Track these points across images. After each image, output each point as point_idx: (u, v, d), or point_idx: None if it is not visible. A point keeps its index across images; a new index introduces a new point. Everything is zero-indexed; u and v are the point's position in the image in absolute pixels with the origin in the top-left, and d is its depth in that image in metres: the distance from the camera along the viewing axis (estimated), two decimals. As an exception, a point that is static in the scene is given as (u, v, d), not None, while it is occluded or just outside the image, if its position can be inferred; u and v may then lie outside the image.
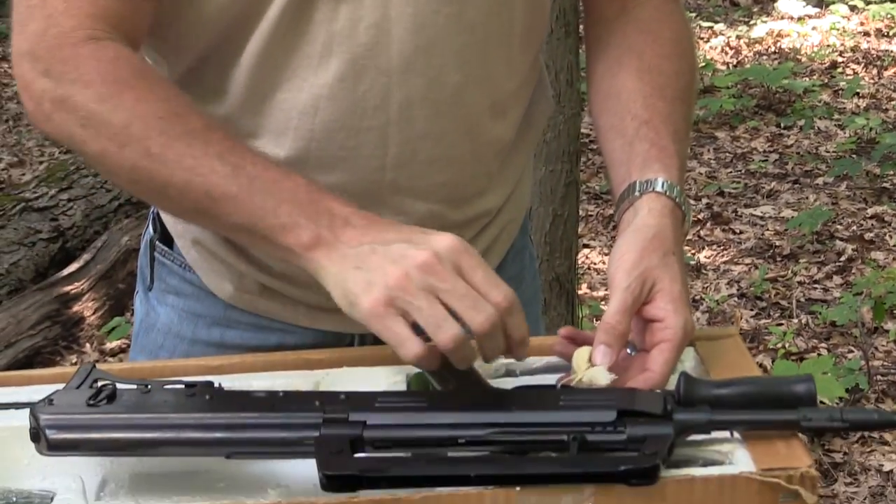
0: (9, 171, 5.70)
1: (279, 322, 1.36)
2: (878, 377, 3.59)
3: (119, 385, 1.07)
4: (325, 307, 1.33)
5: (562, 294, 2.95)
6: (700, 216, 4.85)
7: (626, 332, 1.12)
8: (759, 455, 0.98)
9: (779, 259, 4.48)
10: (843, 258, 4.42)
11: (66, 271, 4.28)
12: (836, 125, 5.75)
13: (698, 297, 4.19)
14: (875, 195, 4.95)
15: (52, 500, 1.02)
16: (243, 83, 1.25)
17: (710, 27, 7.31)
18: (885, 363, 3.71)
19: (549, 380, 1.13)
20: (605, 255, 4.49)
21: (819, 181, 5.13)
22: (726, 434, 1.02)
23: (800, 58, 6.68)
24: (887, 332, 3.86)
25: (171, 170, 1.13)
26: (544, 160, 2.94)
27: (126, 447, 1.04)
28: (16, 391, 1.16)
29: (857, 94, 6.05)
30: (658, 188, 1.22)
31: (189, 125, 1.14)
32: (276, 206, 1.11)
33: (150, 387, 1.07)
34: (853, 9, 7.40)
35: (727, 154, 5.51)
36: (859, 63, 6.58)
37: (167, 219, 1.39)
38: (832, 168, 5.15)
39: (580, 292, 4.11)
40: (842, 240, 4.56)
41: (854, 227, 4.65)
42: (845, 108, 5.95)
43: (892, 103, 5.97)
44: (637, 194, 1.22)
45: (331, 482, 0.97)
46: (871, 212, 4.79)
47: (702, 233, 4.73)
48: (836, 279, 4.28)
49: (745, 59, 6.78)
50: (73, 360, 3.93)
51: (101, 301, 4.22)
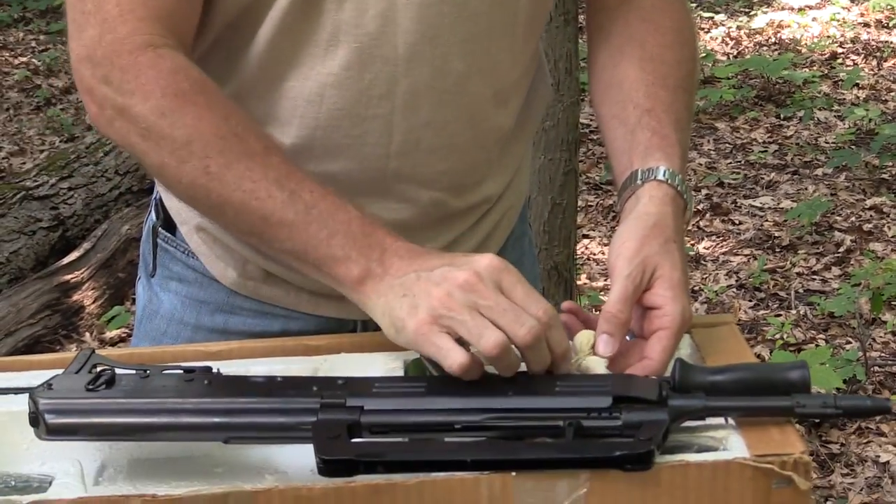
0: (9, 159, 5.70)
1: (282, 308, 1.37)
2: (876, 368, 3.60)
3: (118, 370, 1.08)
4: (327, 293, 1.33)
5: (560, 282, 2.95)
6: (699, 207, 4.85)
7: (628, 320, 1.13)
8: (753, 441, 0.99)
9: (778, 250, 4.48)
10: (841, 249, 4.42)
11: (66, 260, 4.28)
12: (835, 116, 5.75)
13: (697, 288, 4.19)
14: (874, 186, 4.95)
15: (50, 484, 1.02)
16: (251, 71, 1.25)
17: (711, 17, 7.30)
18: (883, 354, 3.71)
19: None
20: (605, 245, 4.49)
21: (818, 172, 5.13)
22: (721, 420, 1.02)
23: (800, 48, 6.68)
24: (885, 323, 3.86)
25: (230, 191, 1.14)
26: (543, 149, 2.93)
27: (124, 432, 1.04)
28: (15, 376, 1.16)
29: (857, 85, 6.04)
30: (660, 176, 1.22)
31: (249, 146, 1.15)
32: (329, 237, 1.12)
33: (148, 372, 1.07)
34: (853, 0, 7.39)
35: (727, 145, 5.51)
36: (859, 54, 6.57)
37: (170, 205, 1.39)
38: (831, 159, 5.15)
39: (579, 283, 4.11)
40: (840, 231, 4.56)
41: (853, 219, 4.66)
42: (845, 99, 5.94)
43: (892, 94, 5.96)
44: (639, 182, 1.23)
45: (328, 467, 0.97)
46: (869, 203, 4.79)
47: (701, 223, 4.73)
48: (835, 270, 4.29)
49: (746, 50, 6.77)
50: (73, 349, 3.94)
51: (101, 290, 4.22)
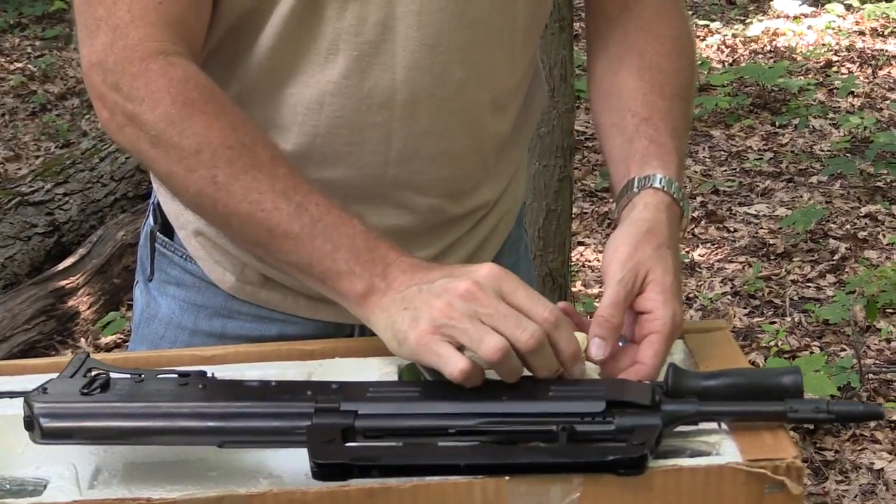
0: (5, 165, 5.70)
1: (280, 313, 1.37)
2: (870, 375, 3.60)
3: (113, 374, 1.08)
4: (325, 298, 1.33)
5: (555, 289, 2.95)
6: (695, 214, 4.86)
7: (620, 324, 1.13)
8: (746, 446, 0.99)
9: (772, 257, 4.49)
10: (836, 257, 4.43)
11: (61, 266, 4.27)
12: (830, 124, 5.76)
13: (692, 295, 4.20)
14: (869, 194, 4.96)
15: (45, 487, 1.02)
16: (251, 77, 1.26)
17: (707, 25, 7.31)
18: (877, 362, 3.71)
19: None
20: (600, 252, 4.50)
21: (813, 180, 5.14)
22: (714, 425, 1.03)
23: (795, 56, 6.69)
24: (879, 330, 3.87)
25: (236, 201, 1.14)
26: (538, 155, 2.94)
27: (119, 436, 1.04)
28: (10, 380, 1.17)
29: (852, 93, 6.06)
30: (656, 184, 1.22)
31: (256, 157, 1.15)
32: (334, 251, 1.12)
33: (143, 376, 1.08)
34: (849, 8, 7.40)
35: (722, 152, 5.52)
36: (854, 62, 6.59)
37: (168, 210, 1.39)
38: (826, 167, 5.16)
39: (574, 290, 4.12)
40: (835, 238, 4.57)
41: (847, 226, 4.66)
42: (840, 107, 5.96)
43: (887, 102, 5.97)
44: (635, 190, 1.23)
45: (322, 471, 0.97)
46: (864, 211, 4.80)
47: (696, 231, 4.73)
48: (830, 278, 4.29)
49: (741, 58, 6.78)
50: (68, 355, 3.93)
51: (97, 296, 4.22)
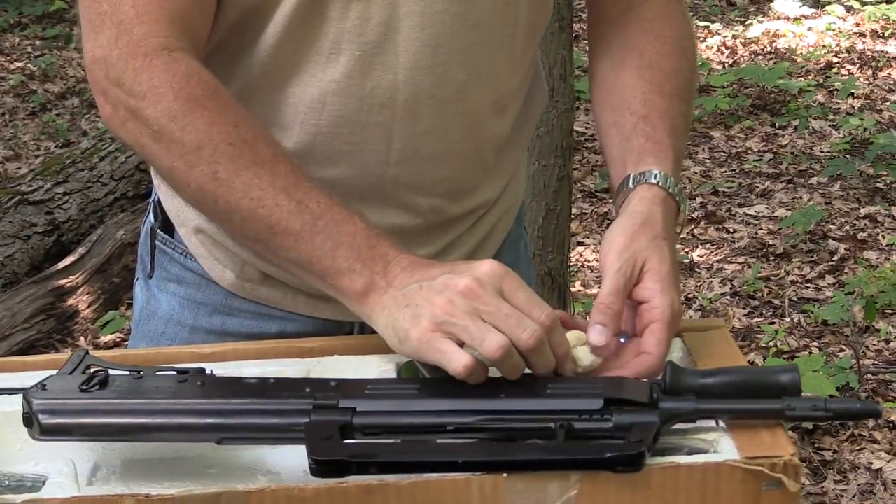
0: (4, 164, 5.70)
1: (280, 310, 1.37)
2: (869, 376, 3.60)
3: (111, 371, 1.08)
4: (325, 295, 1.34)
5: (554, 288, 2.95)
6: (694, 215, 4.86)
7: (620, 311, 1.14)
8: (744, 443, 1.00)
9: (772, 258, 4.49)
10: (835, 258, 4.43)
11: (60, 265, 4.27)
12: (830, 125, 5.76)
13: (691, 296, 4.20)
14: (868, 195, 4.96)
15: (43, 484, 1.02)
16: (252, 75, 1.26)
17: (707, 27, 7.31)
18: (876, 362, 3.72)
19: None
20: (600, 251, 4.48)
21: (813, 181, 5.14)
22: (711, 423, 1.03)
23: (795, 58, 6.69)
24: (878, 331, 3.87)
25: (237, 198, 1.14)
26: (537, 155, 2.94)
27: (118, 432, 1.05)
28: (9, 377, 1.17)
29: (852, 94, 6.06)
30: (651, 180, 1.23)
31: (258, 154, 1.15)
32: (334, 249, 1.12)
33: (142, 373, 1.08)
34: (849, 9, 7.40)
35: (722, 153, 5.52)
36: (854, 64, 6.59)
37: (169, 207, 1.40)
38: (826, 168, 5.16)
39: (574, 290, 4.12)
40: (835, 239, 4.57)
41: (847, 227, 4.66)
42: (840, 108, 5.96)
43: (887, 104, 5.97)
44: (631, 186, 1.24)
45: (320, 467, 0.98)
46: (864, 212, 4.80)
47: (695, 231, 4.73)
48: (829, 278, 4.29)
49: (741, 59, 6.78)
50: (68, 353, 3.93)
51: (96, 295, 4.22)
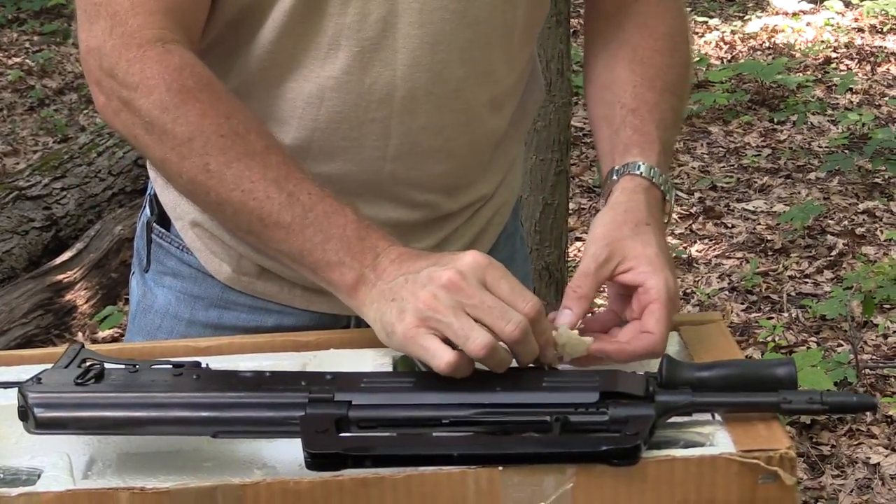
0: (2, 159, 5.69)
1: (276, 304, 1.37)
2: (867, 371, 3.60)
3: (107, 365, 1.08)
4: (321, 289, 1.34)
5: (551, 283, 2.95)
6: (692, 210, 4.86)
7: (588, 294, 1.14)
8: (740, 437, 1.00)
9: (770, 253, 4.49)
10: (833, 253, 4.43)
11: (58, 260, 4.27)
12: (828, 121, 5.76)
13: (689, 291, 4.20)
14: (867, 190, 4.96)
15: (39, 477, 1.02)
16: (250, 71, 1.26)
17: (705, 22, 7.30)
18: (874, 357, 3.72)
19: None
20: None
21: (811, 176, 5.14)
22: (707, 416, 1.03)
23: (794, 53, 6.68)
24: (876, 326, 3.87)
25: (229, 190, 1.14)
26: (535, 149, 2.94)
27: (113, 426, 1.04)
28: (5, 371, 1.17)
29: (851, 89, 6.05)
30: (634, 171, 1.24)
31: (249, 146, 1.15)
32: (324, 242, 1.13)
33: (137, 367, 1.08)
34: (847, 5, 7.39)
35: (720, 148, 5.52)
36: (853, 59, 6.58)
37: (165, 201, 1.39)
38: (824, 163, 5.16)
39: (572, 285, 4.11)
40: (833, 234, 4.57)
41: (845, 222, 4.66)
42: (838, 103, 5.95)
43: (885, 99, 5.97)
44: (615, 178, 1.25)
45: (315, 461, 0.97)
46: (862, 207, 4.80)
47: (694, 227, 4.73)
48: (827, 273, 4.29)
49: (740, 55, 6.77)
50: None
51: (94, 290, 4.21)
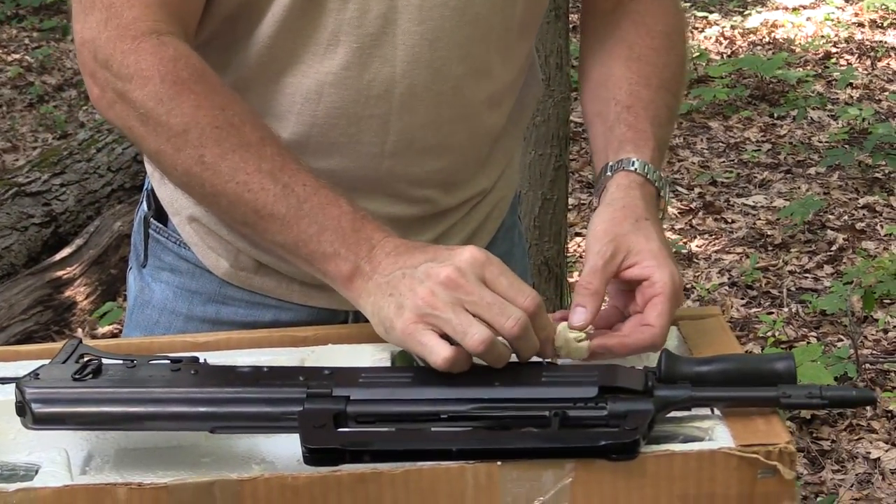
0: (2, 156, 5.69)
1: (274, 299, 1.37)
2: (867, 366, 3.60)
3: (105, 360, 1.08)
4: (319, 284, 1.34)
5: (550, 278, 2.95)
6: (692, 205, 4.86)
7: (599, 291, 1.14)
8: (739, 431, 0.99)
9: (770, 248, 4.49)
10: (834, 248, 4.43)
11: (58, 256, 4.27)
12: (829, 115, 5.75)
13: (689, 286, 4.19)
14: (867, 185, 4.96)
15: (36, 472, 1.02)
16: (248, 66, 1.26)
17: (705, 17, 7.30)
18: (874, 352, 3.72)
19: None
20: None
21: (811, 171, 5.14)
22: (707, 411, 1.03)
23: (794, 48, 6.68)
24: (876, 321, 3.87)
25: (223, 182, 1.14)
26: (534, 144, 2.93)
27: (111, 421, 1.04)
28: (2, 366, 1.16)
29: (851, 84, 6.05)
30: (629, 167, 1.24)
31: (244, 137, 1.15)
32: (319, 233, 1.12)
33: (135, 362, 1.08)
34: (847, 0, 7.39)
35: (720, 144, 5.51)
36: (853, 54, 6.58)
37: (162, 196, 1.39)
38: (824, 158, 5.15)
39: (571, 280, 4.11)
40: (833, 229, 4.57)
41: (845, 217, 4.66)
42: (838, 98, 5.95)
43: (886, 94, 5.96)
44: (609, 174, 1.24)
45: (313, 456, 0.97)
46: (862, 202, 4.80)
47: (693, 222, 4.73)
48: (827, 268, 4.29)
49: (740, 49, 6.77)
50: (64, 344, 3.92)
51: (94, 286, 4.21)
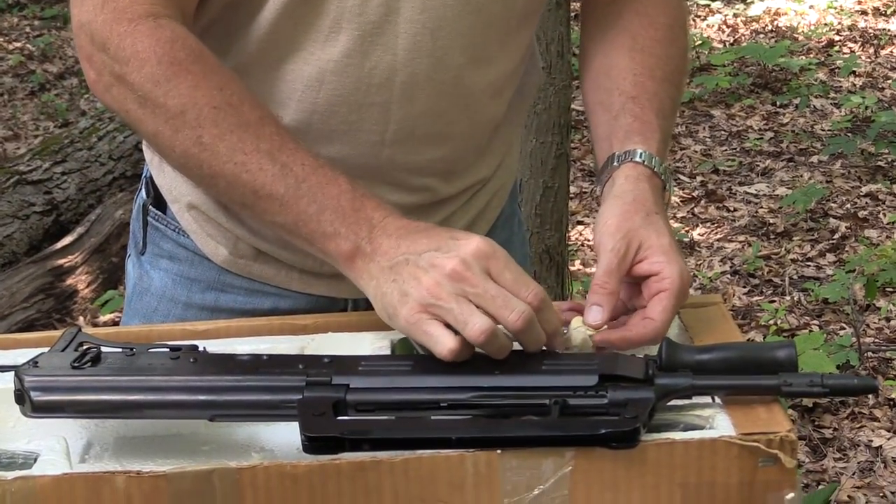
0: (3, 144, 5.69)
1: (273, 286, 1.37)
2: (869, 354, 3.60)
3: (104, 348, 1.07)
4: (318, 272, 1.33)
5: (552, 266, 2.94)
6: (694, 194, 4.85)
7: (616, 290, 1.13)
8: (740, 420, 0.99)
9: (772, 237, 4.48)
10: (836, 236, 4.43)
11: (59, 244, 4.27)
12: (831, 103, 5.74)
13: (691, 274, 4.19)
14: (869, 173, 4.95)
15: (35, 461, 1.02)
16: (249, 52, 1.25)
17: (707, 5, 7.28)
18: (877, 340, 3.71)
19: None
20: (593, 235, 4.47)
21: (814, 159, 5.13)
22: (707, 399, 1.02)
23: (797, 36, 6.67)
24: (879, 309, 3.86)
25: (222, 162, 1.13)
26: (535, 132, 2.92)
27: (110, 409, 1.04)
28: (1, 354, 1.16)
29: (854, 72, 6.04)
30: (636, 158, 1.23)
31: (242, 117, 1.14)
32: (318, 213, 1.12)
33: (134, 350, 1.07)
34: (850, -13, 7.37)
35: (722, 132, 5.51)
36: (856, 41, 6.56)
37: (161, 183, 1.39)
38: (827, 146, 5.15)
39: (574, 269, 4.11)
40: (835, 218, 4.56)
41: (848, 205, 4.65)
42: (841, 86, 5.94)
43: (888, 82, 5.95)
44: (615, 165, 1.24)
45: (313, 444, 0.97)
46: (865, 190, 4.79)
47: (696, 210, 4.72)
48: (829, 257, 4.29)
49: (742, 38, 6.75)
50: (66, 333, 3.92)
51: (95, 274, 4.21)
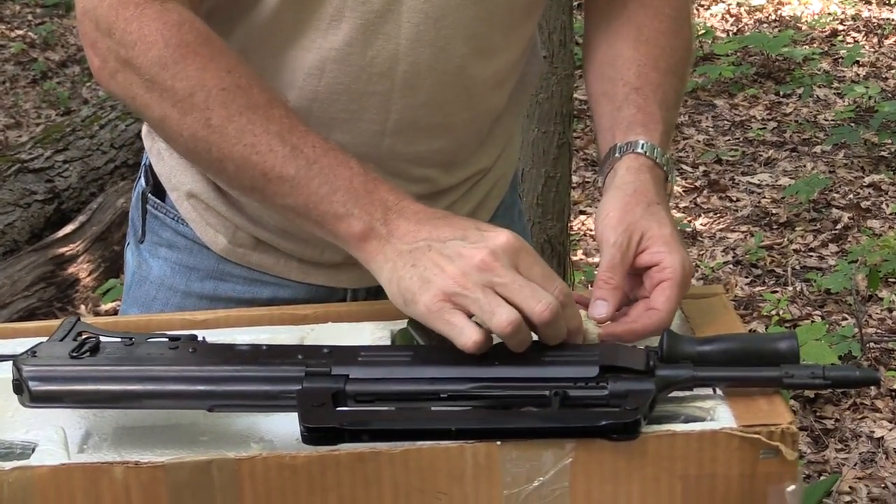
0: (5, 132, 5.69)
1: (272, 276, 1.37)
2: (872, 344, 3.60)
3: (103, 338, 1.07)
4: (317, 262, 1.33)
5: (553, 256, 2.94)
6: (697, 184, 4.84)
7: (620, 285, 1.13)
8: (741, 411, 0.99)
9: (775, 227, 4.47)
10: (839, 226, 4.42)
11: (61, 233, 4.27)
12: (835, 93, 5.73)
13: (694, 265, 4.18)
14: (872, 164, 4.94)
15: (33, 451, 1.01)
16: (250, 39, 1.25)
17: (711, -6, 7.27)
18: (879, 331, 3.71)
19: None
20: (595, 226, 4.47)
21: (817, 149, 5.12)
22: (709, 391, 1.02)
23: (800, 26, 6.65)
24: (881, 300, 3.86)
25: (231, 145, 1.12)
26: (537, 121, 2.92)
27: (109, 399, 1.04)
28: (0, 344, 1.16)
29: (857, 62, 6.03)
30: (638, 149, 1.23)
31: (251, 99, 1.12)
32: (330, 194, 1.10)
33: (133, 340, 1.07)
34: (855, -23, 7.36)
35: (725, 122, 5.50)
36: (860, 31, 6.55)
37: (160, 171, 1.38)
38: (830, 136, 5.14)
39: (576, 258, 4.11)
40: (838, 208, 4.56)
41: (851, 196, 4.65)
42: (845, 76, 5.93)
43: (892, 72, 5.94)
44: (617, 156, 1.23)
45: (312, 435, 0.97)
46: (868, 180, 4.78)
47: (698, 200, 4.72)
48: (832, 247, 4.28)
49: (746, 27, 6.74)
50: (66, 321, 3.93)
51: (96, 263, 4.21)
